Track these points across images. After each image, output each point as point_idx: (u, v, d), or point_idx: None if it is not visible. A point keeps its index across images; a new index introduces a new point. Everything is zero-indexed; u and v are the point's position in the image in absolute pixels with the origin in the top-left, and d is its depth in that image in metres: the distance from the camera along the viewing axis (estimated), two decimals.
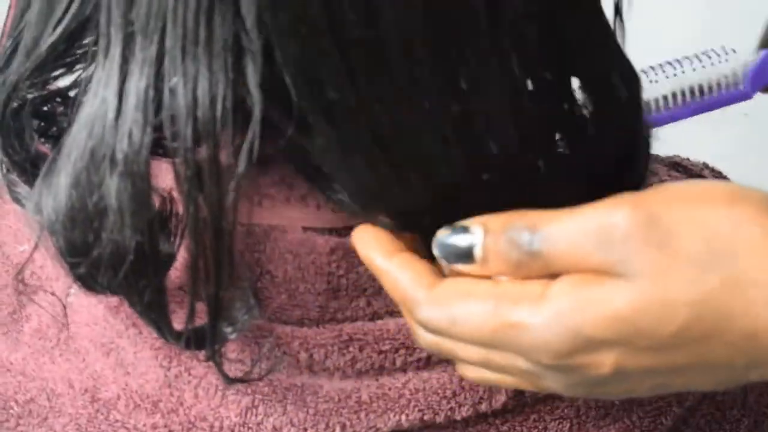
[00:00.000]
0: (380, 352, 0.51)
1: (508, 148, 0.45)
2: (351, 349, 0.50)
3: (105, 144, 0.42)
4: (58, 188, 0.43)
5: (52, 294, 0.55)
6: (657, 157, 0.61)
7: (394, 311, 0.50)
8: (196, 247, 0.43)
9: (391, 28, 0.40)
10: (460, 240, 0.44)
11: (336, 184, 0.47)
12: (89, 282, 0.45)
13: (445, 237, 0.45)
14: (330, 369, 0.51)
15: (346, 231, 0.50)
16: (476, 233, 0.44)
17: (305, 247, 0.51)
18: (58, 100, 0.48)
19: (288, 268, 0.51)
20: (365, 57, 0.41)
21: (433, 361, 0.51)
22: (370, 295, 0.51)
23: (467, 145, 0.44)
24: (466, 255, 0.44)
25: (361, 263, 0.49)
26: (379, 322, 0.51)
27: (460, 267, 0.44)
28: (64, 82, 0.48)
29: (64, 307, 0.54)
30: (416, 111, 0.43)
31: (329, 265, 0.51)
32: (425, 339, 0.46)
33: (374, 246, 0.46)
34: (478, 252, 0.44)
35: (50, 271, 0.55)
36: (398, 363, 0.51)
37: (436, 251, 0.45)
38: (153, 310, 0.46)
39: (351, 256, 0.50)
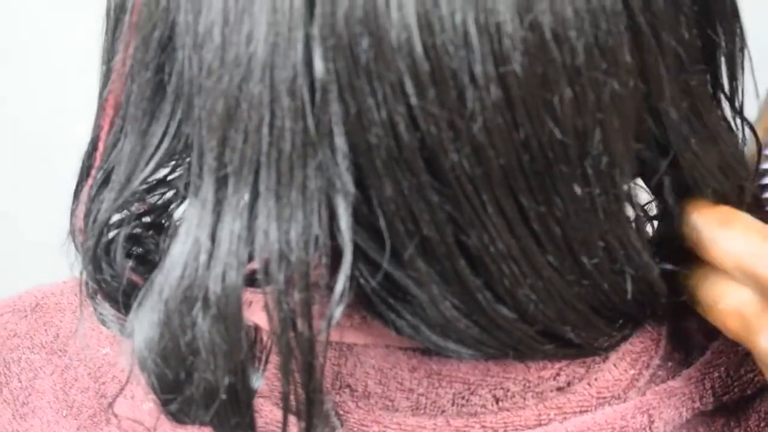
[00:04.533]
0: None
1: (606, 273, 0.45)
2: None
3: (197, 285, 0.42)
4: (150, 325, 0.44)
5: (132, 398, 0.55)
6: None
7: None
8: (287, 383, 0.43)
9: (495, 165, 0.40)
10: None
11: (414, 317, 0.46)
12: (180, 416, 0.45)
13: None
14: None
15: (428, 350, 0.50)
16: None
17: (387, 362, 0.51)
18: (149, 230, 0.49)
19: (369, 382, 0.51)
20: (467, 194, 0.41)
21: None
22: (450, 416, 0.50)
23: (565, 273, 0.44)
24: None
25: (440, 384, 0.49)
26: None
27: None
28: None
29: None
30: (520, 242, 0.42)
31: (411, 382, 0.51)
32: None
33: None
34: None
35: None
36: None
37: None
38: None
39: (432, 376, 0.50)
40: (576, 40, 0.39)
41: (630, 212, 0.45)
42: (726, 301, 0.47)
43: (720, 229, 0.47)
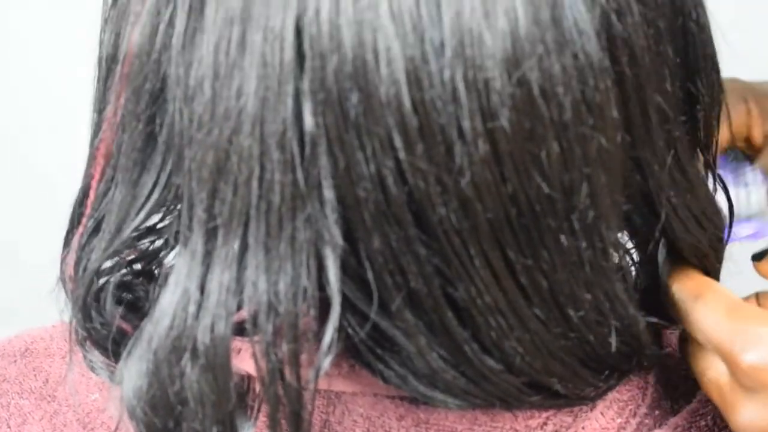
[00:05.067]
0: None
1: (592, 325, 0.45)
2: None
3: (186, 335, 0.42)
4: (138, 374, 0.44)
5: None
6: None
7: None
8: None
9: (482, 219, 0.41)
10: None
11: (402, 367, 0.46)
12: None
13: None
14: None
15: (416, 399, 0.50)
16: None
17: (375, 411, 0.51)
18: (139, 277, 0.49)
19: (357, 430, 0.51)
20: (455, 247, 0.41)
21: None
22: None
23: (552, 326, 0.44)
24: None
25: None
26: None
27: None
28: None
29: None
30: (507, 295, 0.43)
31: (398, 430, 0.51)
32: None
33: None
34: None
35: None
36: None
37: None
38: None
39: (420, 424, 0.51)
40: (563, 96, 0.40)
41: (616, 265, 0.45)
42: (709, 374, 0.48)
43: (694, 302, 0.48)
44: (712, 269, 0.52)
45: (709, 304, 0.48)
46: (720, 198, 0.53)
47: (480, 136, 0.39)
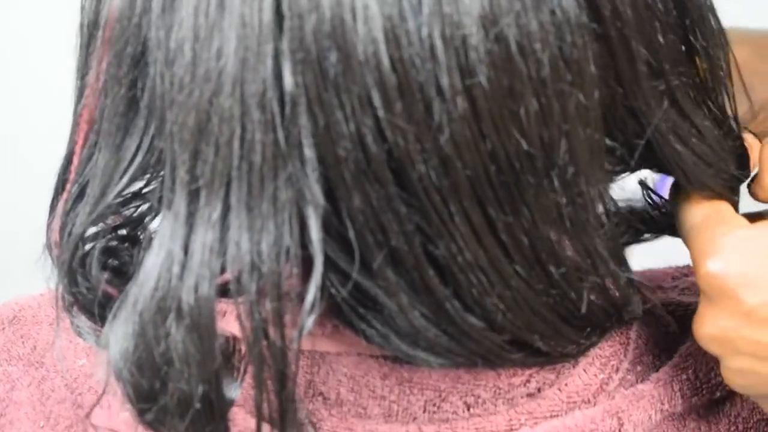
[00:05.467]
0: None
1: (573, 282, 0.46)
2: None
3: (171, 296, 0.43)
4: (124, 336, 0.44)
5: (108, 408, 0.56)
6: None
7: None
8: (260, 392, 0.44)
9: (462, 176, 0.41)
10: None
11: (384, 326, 0.47)
12: (156, 425, 0.46)
13: None
14: None
15: (399, 358, 0.50)
16: None
17: (359, 370, 0.51)
18: (124, 242, 0.49)
19: (342, 390, 0.52)
20: (435, 205, 0.41)
21: None
22: (422, 422, 0.51)
23: (533, 282, 0.45)
24: None
25: (412, 392, 0.50)
26: None
27: None
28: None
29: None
30: (488, 252, 0.43)
31: (382, 389, 0.52)
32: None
33: None
34: None
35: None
36: None
37: None
38: None
39: (404, 383, 0.51)
40: (541, 53, 0.40)
41: (597, 221, 0.46)
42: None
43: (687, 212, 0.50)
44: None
45: (694, 212, 0.49)
46: None
47: (458, 94, 0.39)
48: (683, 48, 0.47)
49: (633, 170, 0.50)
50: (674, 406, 0.51)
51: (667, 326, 0.55)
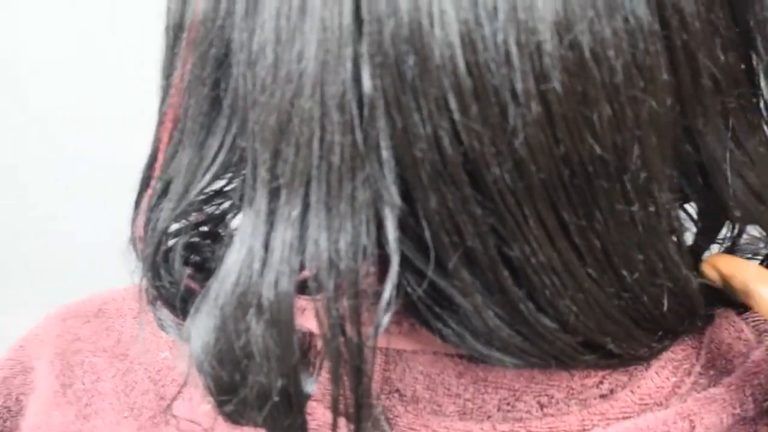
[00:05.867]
0: None
1: (645, 286, 0.46)
2: None
3: (251, 291, 0.44)
4: (206, 329, 0.45)
5: (190, 400, 0.57)
6: None
7: None
8: (337, 388, 0.45)
9: (536, 179, 0.41)
10: None
11: (459, 325, 0.47)
12: (235, 417, 0.47)
13: None
14: None
15: (474, 357, 0.51)
16: None
17: (435, 368, 0.52)
18: (206, 239, 0.51)
19: (418, 387, 0.52)
20: (510, 207, 0.42)
21: None
22: (496, 421, 0.52)
23: (605, 285, 0.45)
24: None
25: (486, 391, 0.51)
26: None
27: None
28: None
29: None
30: (561, 255, 0.44)
31: (458, 387, 0.52)
32: None
33: None
34: None
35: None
36: None
37: None
38: None
39: (478, 382, 0.52)
40: (615, 60, 0.40)
41: (668, 226, 0.46)
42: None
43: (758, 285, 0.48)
44: None
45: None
46: None
47: (533, 98, 0.40)
48: (743, 67, 0.47)
49: (683, 200, 0.50)
50: (746, 411, 0.51)
51: (740, 332, 0.54)
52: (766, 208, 0.49)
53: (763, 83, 0.49)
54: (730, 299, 0.51)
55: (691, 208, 0.51)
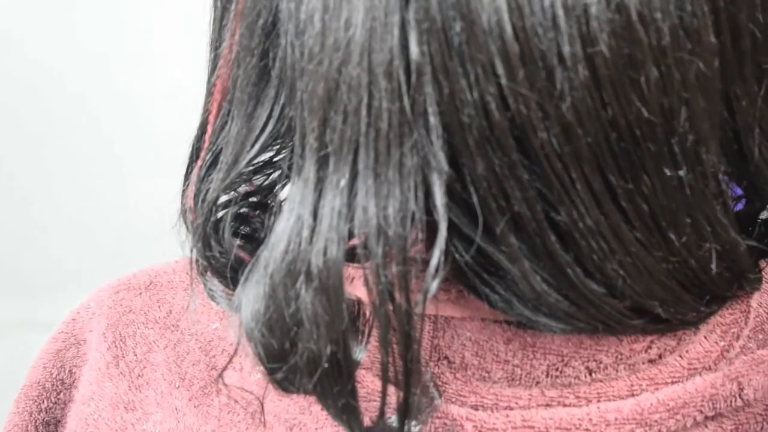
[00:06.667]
0: None
1: (693, 250, 0.46)
2: None
3: (301, 259, 0.44)
4: (256, 298, 0.46)
5: (240, 370, 0.58)
6: None
7: (566, 403, 0.51)
8: (386, 354, 0.45)
9: (583, 143, 0.42)
10: None
11: (507, 291, 0.47)
12: (286, 385, 0.48)
13: None
14: None
15: (522, 324, 0.51)
16: None
17: (483, 335, 0.52)
18: (255, 209, 0.51)
19: (466, 354, 0.53)
20: (557, 171, 0.42)
21: None
22: (544, 387, 0.52)
23: (653, 249, 0.45)
24: None
25: (535, 356, 0.51)
26: (552, 410, 0.51)
27: None
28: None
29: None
30: (609, 219, 0.44)
31: (506, 353, 0.52)
32: None
33: None
34: None
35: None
36: None
37: None
38: (346, 412, 0.48)
39: (527, 348, 0.52)
40: (662, 22, 0.40)
41: (716, 189, 0.46)
42: None
43: None
44: None
45: None
46: None
47: (580, 62, 0.40)
48: None
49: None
50: None
51: None
52: None
53: None
54: None
55: None
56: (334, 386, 0.46)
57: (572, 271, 0.45)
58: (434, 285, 0.44)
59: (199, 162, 0.51)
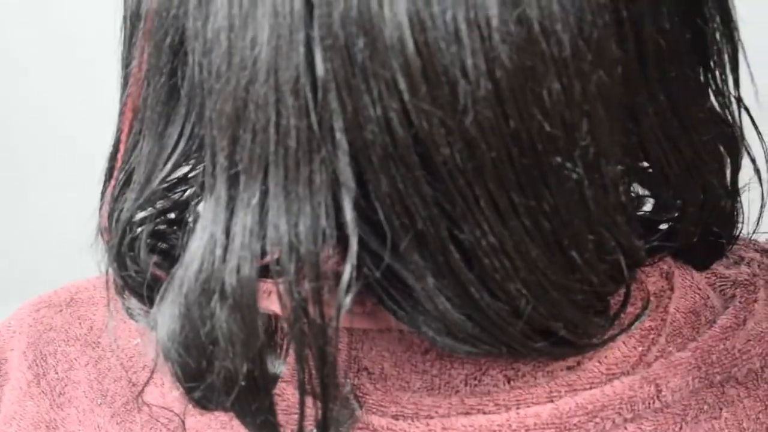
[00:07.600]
0: None
1: (595, 266, 0.47)
2: None
3: (214, 278, 0.44)
4: (171, 317, 0.46)
5: (161, 386, 0.58)
6: (754, 242, 0.62)
7: (486, 410, 0.52)
8: (302, 370, 0.45)
9: (486, 159, 0.42)
10: None
11: (413, 309, 0.47)
12: (204, 403, 0.48)
13: None
14: None
15: None
16: None
17: (401, 346, 0.53)
18: (173, 225, 0.51)
19: (385, 365, 0.53)
20: (460, 188, 0.42)
21: None
22: (464, 395, 0.52)
23: (557, 265, 0.45)
24: None
25: (453, 366, 0.51)
26: (471, 417, 0.52)
27: None
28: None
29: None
30: (513, 236, 0.44)
31: (424, 364, 0.53)
32: None
33: None
34: None
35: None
36: None
37: None
38: (265, 429, 0.48)
39: (444, 358, 0.52)
40: (562, 33, 0.41)
41: (617, 200, 0.46)
42: None
43: None
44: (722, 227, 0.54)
45: None
46: None
47: (482, 75, 0.40)
48: (688, 36, 0.47)
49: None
50: (712, 375, 0.52)
51: (706, 299, 0.55)
52: (695, 182, 0.50)
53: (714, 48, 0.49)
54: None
55: None
56: (252, 403, 0.47)
57: (475, 290, 0.45)
58: (347, 300, 0.44)
59: (113, 181, 0.51)
